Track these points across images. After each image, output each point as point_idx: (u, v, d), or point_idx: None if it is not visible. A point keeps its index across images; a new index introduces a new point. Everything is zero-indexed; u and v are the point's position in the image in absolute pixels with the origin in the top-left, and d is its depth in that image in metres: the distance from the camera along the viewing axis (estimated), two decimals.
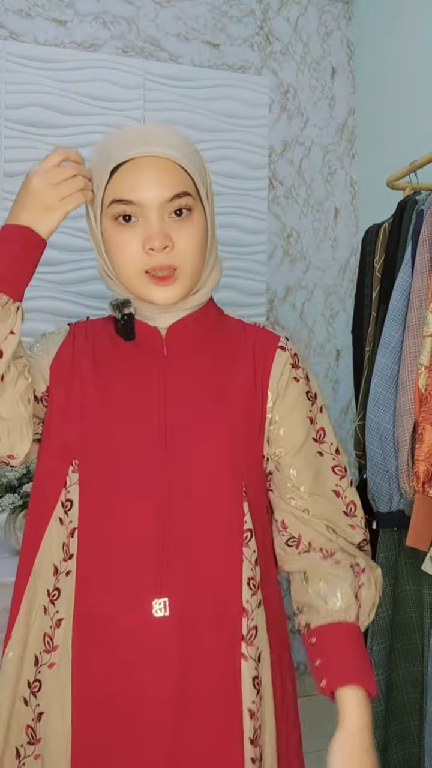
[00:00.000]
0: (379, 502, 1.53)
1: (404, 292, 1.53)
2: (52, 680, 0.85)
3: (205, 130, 2.12)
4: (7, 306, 0.81)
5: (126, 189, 0.81)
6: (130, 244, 0.82)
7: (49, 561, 0.87)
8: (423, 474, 1.35)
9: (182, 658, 0.83)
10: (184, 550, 0.84)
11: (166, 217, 0.82)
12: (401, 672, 1.61)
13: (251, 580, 0.86)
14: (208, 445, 0.87)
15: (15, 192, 0.87)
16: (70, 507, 0.87)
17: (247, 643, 0.85)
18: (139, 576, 0.83)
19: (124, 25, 2.30)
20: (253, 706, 0.85)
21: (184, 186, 0.82)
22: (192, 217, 0.83)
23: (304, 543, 0.90)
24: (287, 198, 2.51)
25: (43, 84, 1.96)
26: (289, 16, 2.50)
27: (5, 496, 1.73)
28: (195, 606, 0.84)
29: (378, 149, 2.46)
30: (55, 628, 0.86)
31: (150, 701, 0.83)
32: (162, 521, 0.84)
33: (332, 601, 0.87)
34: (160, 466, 0.85)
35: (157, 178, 0.81)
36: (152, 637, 0.82)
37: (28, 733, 0.86)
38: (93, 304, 2.02)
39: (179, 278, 0.83)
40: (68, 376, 0.90)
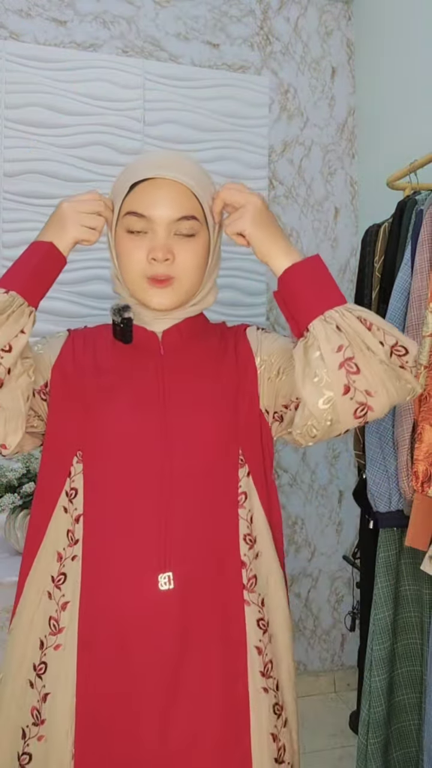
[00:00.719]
0: (379, 501, 1.53)
1: (404, 292, 1.53)
2: (57, 661, 0.90)
3: (205, 130, 2.12)
4: (22, 308, 0.89)
5: (141, 204, 0.92)
6: (136, 253, 0.92)
7: (53, 548, 0.94)
8: (422, 474, 1.36)
9: (187, 622, 0.89)
10: (185, 524, 0.91)
11: (172, 234, 0.92)
12: (401, 672, 1.61)
13: (247, 536, 0.95)
14: (205, 422, 0.95)
15: (15, 192, 0.90)
16: (75, 495, 0.94)
17: (249, 591, 0.93)
18: (143, 554, 0.90)
19: (124, 25, 2.30)
20: (260, 644, 0.93)
21: (192, 210, 0.93)
22: (196, 239, 0.94)
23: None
24: (287, 198, 2.51)
25: (43, 84, 1.96)
26: (289, 16, 2.50)
27: (5, 496, 1.74)
28: (197, 574, 0.91)
29: (378, 149, 2.46)
30: (61, 611, 0.91)
31: (154, 668, 0.88)
32: (164, 500, 0.91)
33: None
34: (160, 446, 0.92)
35: (170, 199, 0.91)
36: (157, 609, 0.88)
37: (33, 714, 0.91)
38: (93, 304, 2.02)
39: (175, 287, 0.93)
40: (71, 373, 0.97)
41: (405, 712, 1.61)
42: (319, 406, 0.84)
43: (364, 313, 0.86)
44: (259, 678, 0.92)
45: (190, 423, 0.94)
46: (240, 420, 0.97)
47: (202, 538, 0.92)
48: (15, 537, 1.77)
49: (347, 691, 2.50)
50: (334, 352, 0.83)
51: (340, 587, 2.57)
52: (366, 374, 0.83)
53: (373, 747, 1.55)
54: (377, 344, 0.84)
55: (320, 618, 2.55)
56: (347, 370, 0.83)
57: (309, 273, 0.88)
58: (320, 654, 2.54)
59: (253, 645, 0.92)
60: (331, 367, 0.83)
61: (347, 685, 2.51)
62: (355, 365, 0.83)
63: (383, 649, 1.56)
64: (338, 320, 0.84)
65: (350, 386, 0.83)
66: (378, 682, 1.55)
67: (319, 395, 0.84)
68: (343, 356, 0.83)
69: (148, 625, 0.88)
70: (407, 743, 1.61)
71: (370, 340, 0.84)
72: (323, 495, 2.55)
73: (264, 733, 0.91)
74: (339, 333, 0.84)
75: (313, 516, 2.54)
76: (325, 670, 2.54)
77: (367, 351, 0.83)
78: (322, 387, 0.84)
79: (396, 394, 0.85)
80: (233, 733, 0.90)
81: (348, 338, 0.84)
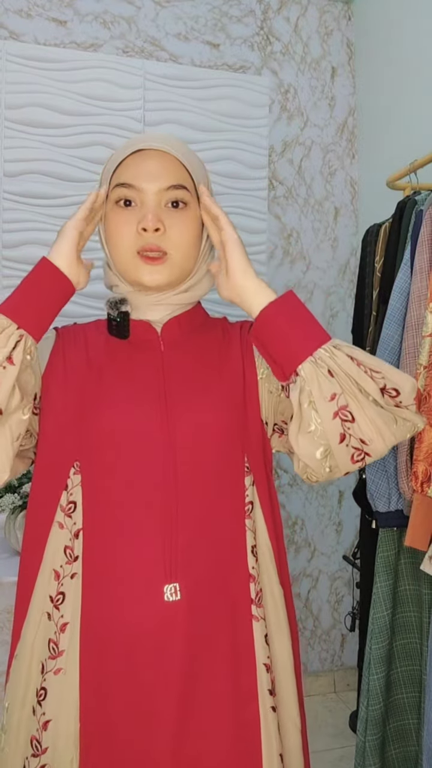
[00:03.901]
0: (378, 501, 1.53)
1: (404, 292, 1.53)
2: (58, 686, 0.85)
3: (205, 130, 2.12)
4: (6, 332, 0.79)
5: (129, 175, 0.89)
6: (126, 226, 0.88)
7: (50, 567, 0.88)
8: (422, 474, 1.36)
9: (194, 636, 0.85)
10: (191, 534, 0.86)
11: (162, 205, 0.89)
12: (400, 671, 1.61)
13: (254, 548, 0.91)
14: (211, 425, 0.90)
15: (15, 192, 0.90)
16: (73, 509, 0.87)
17: (257, 605, 0.90)
18: (147, 565, 0.84)
19: (124, 25, 2.30)
20: (268, 661, 0.89)
21: (182, 180, 0.89)
22: (187, 210, 0.90)
23: None
24: (287, 198, 2.51)
25: (43, 84, 1.96)
26: (289, 16, 2.50)
27: (5, 496, 1.74)
28: (204, 585, 0.86)
29: (378, 149, 2.46)
30: (60, 633, 0.86)
31: (162, 684, 0.83)
32: (169, 510, 0.86)
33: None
34: (164, 450, 0.87)
35: (158, 168, 0.88)
36: (163, 622, 0.83)
37: (33, 744, 0.85)
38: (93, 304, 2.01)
39: (168, 263, 0.89)
40: (62, 382, 0.91)
41: (403, 710, 1.61)
42: (316, 457, 0.81)
43: (353, 350, 0.82)
44: (268, 697, 0.89)
45: (195, 427, 0.89)
46: (245, 425, 0.92)
47: (209, 548, 0.87)
48: (15, 537, 1.77)
49: (347, 691, 2.50)
50: (327, 401, 0.79)
51: (340, 587, 2.57)
52: (360, 423, 0.79)
53: (371, 744, 1.55)
54: (371, 384, 0.79)
55: (320, 618, 2.55)
56: (342, 418, 0.79)
57: (289, 310, 0.83)
58: (320, 654, 2.54)
59: (262, 663, 0.88)
60: (325, 418, 0.79)
61: (347, 685, 2.51)
62: (350, 413, 0.79)
63: (382, 648, 1.56)
64: (329, 362, 0.80)
65: (345, 434, 0.79)
66: (376, 680, 1.55)
67: (315, 447, 0.81)
68: (337, 405, 0.79)
69: (154, 640, 0.83)
70: (405, 741, 1.61)
71: (363, 380, 0.79)
72: (323, 495, 2.55)
73: (274, 754, 0.88)
74: (330, 379, 0.79)
75: (313, 516, 2.54)
76: (325, 670, 2.54)
77: (360, 395, 0.79)
78: (317, 438, 0.80)
79: (394, 436, 0.81)
80: (245, 754, 0.86)
81: (340, 383, 0.79)
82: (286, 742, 0.93)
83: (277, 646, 0.93)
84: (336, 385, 0.79)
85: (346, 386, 0.79)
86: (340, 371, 0.80)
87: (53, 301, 0.85)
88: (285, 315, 0.83)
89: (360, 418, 0.79)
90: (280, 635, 0.93)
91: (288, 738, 0.93)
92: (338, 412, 0.79)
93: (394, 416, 0.81)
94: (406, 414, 0.81)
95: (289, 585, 0.98)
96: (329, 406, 0.79)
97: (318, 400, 0.79)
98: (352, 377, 0.79)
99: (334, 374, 0.79)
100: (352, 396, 0.79)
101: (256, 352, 0.96)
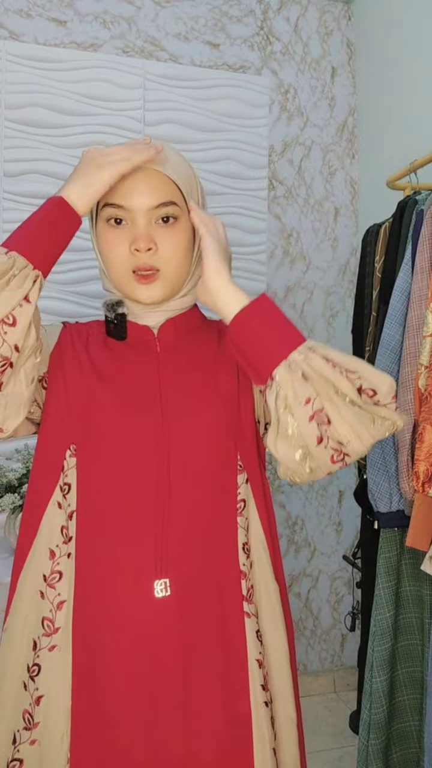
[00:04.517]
0: (379, 501, 1.53)
1: (404, 292, 1.53)
2: (52, 662, 0.87)
3: (205, 130, 2.12)
4: (25, 271, 0.80)
5: (118, 195, 0.89)
6: (119, 246, 0.89)
7: (46, 545, 0.90)
8: (423, 474, 1.35)
9: (184, 631, 0.87)
10: (182, 529, 0.88)
11: (152, 222, 0.89)
12: (402, 673, 1.61)
13: (245, 545, 0.92)
14: (205, 424, 0.92)
15: (15, 192, 0.89)
16: (68, 491, 0.90)
17: (248, 602, 0.91)
18: (139, 557, 0.86)
19: (124, 25, 2.30)
20: (260, 656, 0.91)
21: (170, 196, 0.90)
22: (177, 225, 0.91)
23: None
24: (287, 198, 2.51)
25: (43, 84, 1.96)
26: (289, 16, 2.50)
27: (5, 496, 1.74)
28: (195, 581, 0.88)
29: (378, 149, 2.46)
30: (56, 611, 0.88)
31: (153, 678, 0.86)
32: (161, 501, 0.88)
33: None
34: (158, 447, 0.89)
35: (146, 187, 0.89)
36: (154, 616, 0.85)
37: (25, 717, 0.87)
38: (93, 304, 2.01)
39: (161, 279, 0.90)
40: (67, 364, 0.93)
41: (405, 712, 1.61)
42: (296, 459, 0.82)
43: (328, 351, 0.81)
44: (260, 692, 0.90)
45: (189, 425, 0.91)
46: (239, 424, 0.94)
47: (200, 545, 0.89)
48: (15, 537, 1.77)
49: (347, 691, 2.49)
50: (303, 405, 0.79)
51: (340, 587, 2.57)
52: (337, 425, 0.79)
53: (374, 748, 1.55)
54: (346, 385, 0.79)
55: (320, 618, 2.54)
56: (318, 421, 0.79)
57: (262, 314, 0.83)
58: (320, 654, 2.54)
59: (254, 658, 0.90)
60: (302, 422, 0.79)
61: (347, 685, 2.51)
62: (326, 416, 0.79)
63: (384, 650, 1.56)
64: (303, 366, 0.80)
65: (323, 436, 0.79)
66: (379, 683, 1.55)
67: (293, 450, 0.81)
68: (312, 408, 0.79)
69: (145, 633, 0.86)
70: (407, 744, 1.61)
71: (338, 381, 0.79)
72: (323, 495, 2.55)
73: (267, 748, 0.89)
74: (305, 382, 0.79)
75: (313, 516, 2.54)
76: (325, 670, 2.53)
77: (336, 396, 0.79)
78: (294, 442, 0.80)
79: (372, 437, 0.81)
80: (236, 746, 0.88)
81: (315, 387, 0.79)
82: (280, 737, 0.94)
83: (271, 642, 0.95)
84: (310, 388, 0.79)
85: (321, 389, 0.79)
86: (315, 374, 0.79)
87: (65, 240, 0.87)
88: (258, 319, 0.83)
89: (336, 420, 0.79)
90: (275, 631, 0.95)
91: (282, 732, 0.95)
92: (314, 415, 0.79)
93: (372, 416, 0.80)
94: (385, 413, 0.81)
95: (284, 581, 0.99)
96: (305, 410, 0.79)
97: (293, 404, 0.79)
98: (328, 379, 0.79)
99: (308, 377, 0.79)
100: (328, 398, 0.79)
101: None
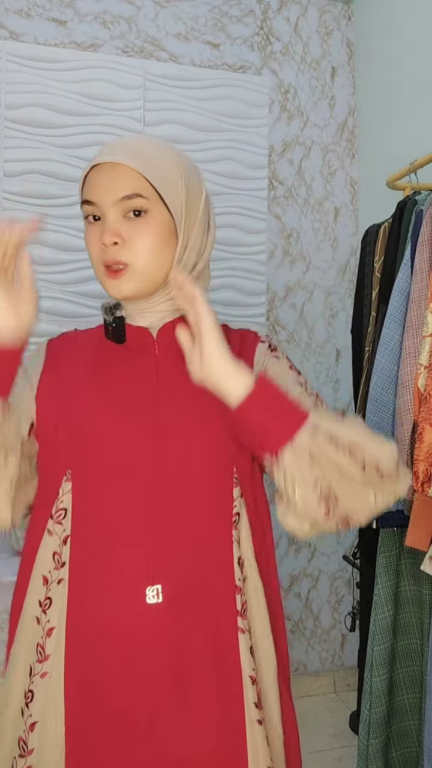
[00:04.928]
0: None
1: (404, 292, 1.53)
2: (44, 689, 0.86)
3: (205, 130, 2.12)
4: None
5: (88, 191, 0.90)
6: (93, 241, 0.90)
7: (40, 572, 0.90)
8: (422, 474, 1.36)
9: (178, 642, 0.86)
10: (176, 540, 0.87)
11: (122, 216, 0.88)
12: (401, 672, 1.61)
13: (240, 558, 0.91)
14: (200, 437, 0.90)
15: (15, 192, 0.89)
16: (63, 516, 0.89)
17: (242, 617, 0.89)
18: (132, 568, 0.85)
19: (124, 25, 2.30)
20: (254, 673, 0.89)
21: (136, 189, 0.87)
22: (147, 218, 0.88)
23: None
24: (287, 198, 2.51)
25: (43, 84, 1.96)
26: (289, 16, 2.50)
27: None
28: (188, 590, 0.87)
29: (378, 149, 2.46)
30: (47, 638, 0.87)
31: (147, 689, 0.85)
32: (155, 516, 0.87)
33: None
34: (152, 462, 0.88)
35: (110, 181, 0.87)
36: (146, 624, 0.84)
37: (20, 745, 0.87)
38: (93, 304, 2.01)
39: (129, 274, 0.88)
40: (57, 396, 0.92)
41: (405, 712, 1.61)
42: (305, 530, 0.86)
43: (331, 427, 0.82)
44: (254, 711, 0.89)
45: (184, 436, 0.89)
46: (235, 437, 0.91)
47: (193, 554, 0.88)
48: (15, 537, 1.77)
49: (347, 691, 2.50)
50: (311, 486, 0.81)
51: (340, 587, 2.57)
52: (343, 501, 0.81)
53: (374, 747, 1.55)
54: (351, 464, 0.80)
55: (320, 618, 2.55)
56: (326, 501, 0.81)
57: (268, 397, 0.84)
58: (320, 654, 2.54)
59: (247, 675, 0.89)
60: (310, 501, 0.82)
61: (347, 685, 2.51)
62: (334, 495, 0.81)
63: (384, 649, 1.56)
64: (309, 446, 0.80)
65: (330, 511, 0.82)
66: (378, 682, 1.55)
67: (302, 523, 0.85)
68: (319, 489, 0.81)
69: (135, 641, 0.84)
70: (407, 743, 1.61)
71: (343, 461, 0.80)
72: None
73: (260, 763, 0.88)
74: (312, 463, 0.80)
75: None
76: (325, 670, 2.54)
77: (342, 476, 0.80)
78: (303, 517, 0.84)
79: (377, 507, 0.83)
80: (231, 760, 0.87)
81: (322, 468, 0.80)
82: (272, 753, 0.93)
83: (261, 658, 0.93)
84: (317, 469, 0.81)
85: (327, 470, 0.81)
86: (320, 455, 0.80)
87: (7, 369, 0.85)
88: (262, 404, 0.83)
89: (342, 497, 0.81)
90: (263, 648, 0.93)
91: (273, 749, 0.93)
92: (322, 496, 0.82)
93: (376, 488, 0.82)
94: (389, 486, 0.83)
95: (277, 597, 0.97)
96: (313, 491, 0.81)
97: (300, 485, 0.82)
98: (332, 459, 0.80)
99: (315, 459, 0.81)
100: (335, 478, 0.81)
101: (257, 365, 0.95)
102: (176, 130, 2.09)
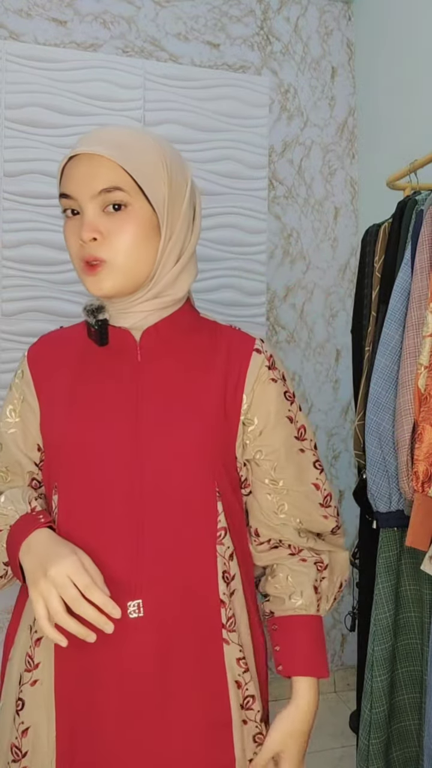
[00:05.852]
0: (379, 501, 1.53)
1: (404, 292, 1.53)
2: (34, 697, 0.87)
3: (205, 130, 2.12)
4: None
5: (64, 184, 0.85)
6: (71, 237, 0.86)
7: None
8: (422, 474, 1.36)
9: (161, 655, 0.85)
10: (157, 553, 0.86)
11: (101, 211, 0.84)
12: (402, 672, 1.61)
13: (226, 573, 0.90)
14: (180, 449, 0.88)
15: (15, 192, 0.88)
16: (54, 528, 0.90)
17: (228, 630, 0.89)
18: (113, 582, 0.84)
19: (124, 25, 2.30)
20: (240, 678, 0.89)
21: (115, 181, 0.82)
22: (127, 212, 0.84)
23: (275, 541, 0.97)
24: (287, 198, 2.51)
25: (43, 84, 1.96)
26: (289, 16, 2.50)
27: None
28: (170, 605, 0.86)
29: (378, 149, 2.46)
30: (35, 647, 0.88)
31: (132, 699, 0.85)
32: (136, 527, 0.86)
33: (294, 599, 0.93)
34: (132, 473, 0.87)
35: (88, 173, 0.83)
36: (129, 638, 0.84)
37: (13, 750, 0.88)
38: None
39: (107, 270, 0.84)
40: (52, 414, 0.93)
41: (405, 712, 1.61)
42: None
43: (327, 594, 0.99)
44: (240, 712, 0.89)
45: (164, 449, 0.87)
46: (218, 451, 0.90)
47: (175, 569, 0.87)
48: None
49: (347, 691, 2.49)
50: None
51: None
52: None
53: (375, 747, 1.55)
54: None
55: None
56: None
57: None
58: None
59: (233, 680, 0.88)
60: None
61: (347, 685, 2.51)
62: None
63: (384, 649, 1.56)
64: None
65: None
66: (379, 682, 1.55)
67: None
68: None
69: (119, 655, 0.84)
70: (407, 743, 1.61)
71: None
72: None
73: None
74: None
75: None
76: None
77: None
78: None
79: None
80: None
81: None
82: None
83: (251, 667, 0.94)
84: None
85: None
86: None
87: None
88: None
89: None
90: (248, 659, 0.93)
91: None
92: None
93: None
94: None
95: (256, 611, 0.98)
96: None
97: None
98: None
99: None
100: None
101: (249, 384, 0.92)
102: (176, 130, 2.09)
